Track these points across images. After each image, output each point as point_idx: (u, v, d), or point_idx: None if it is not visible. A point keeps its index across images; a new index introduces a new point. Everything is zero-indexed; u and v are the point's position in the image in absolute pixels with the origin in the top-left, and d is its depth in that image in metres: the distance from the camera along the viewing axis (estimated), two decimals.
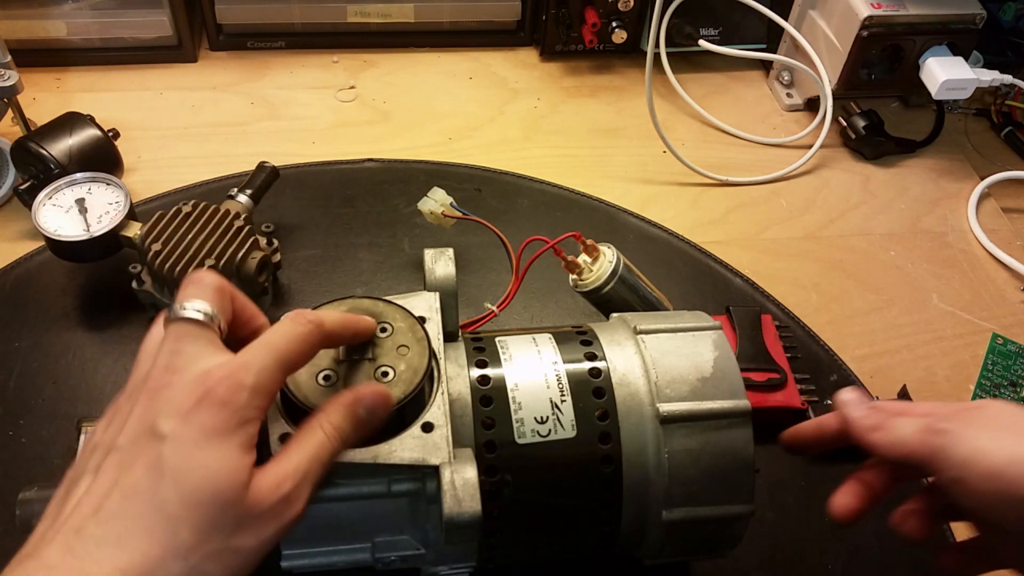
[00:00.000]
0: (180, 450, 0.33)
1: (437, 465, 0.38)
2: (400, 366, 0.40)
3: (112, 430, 0.35)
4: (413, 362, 0.41)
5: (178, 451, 0.33)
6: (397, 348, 0.41)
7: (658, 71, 0.84)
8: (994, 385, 0.65)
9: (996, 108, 0.86)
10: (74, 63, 0.83)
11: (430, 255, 0.47)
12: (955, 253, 0.75)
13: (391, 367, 0.40)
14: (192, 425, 0.33)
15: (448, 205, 0.64)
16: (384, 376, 0.40)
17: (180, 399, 0.34)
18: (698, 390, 0.43)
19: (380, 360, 0.41)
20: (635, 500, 0.42)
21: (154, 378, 0.35)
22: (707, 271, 0.71)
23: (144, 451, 0.33)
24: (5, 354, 0.60)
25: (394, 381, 0.40)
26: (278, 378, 0.36)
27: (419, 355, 0.41)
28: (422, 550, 0.42)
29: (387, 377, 0.40)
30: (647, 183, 0.78)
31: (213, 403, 0.33)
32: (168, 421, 0.33)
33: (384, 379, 0.40)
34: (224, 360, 0.35)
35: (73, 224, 0.61)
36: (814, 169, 0.81)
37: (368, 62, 0.88)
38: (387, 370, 0.40)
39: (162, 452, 0.33)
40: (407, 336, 0.42)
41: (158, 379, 0.34)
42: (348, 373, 0.40)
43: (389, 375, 0.40)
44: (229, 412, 0.34)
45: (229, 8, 0.83)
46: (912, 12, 0.76)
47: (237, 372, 0.34)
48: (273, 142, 0.79)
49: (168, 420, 0.33)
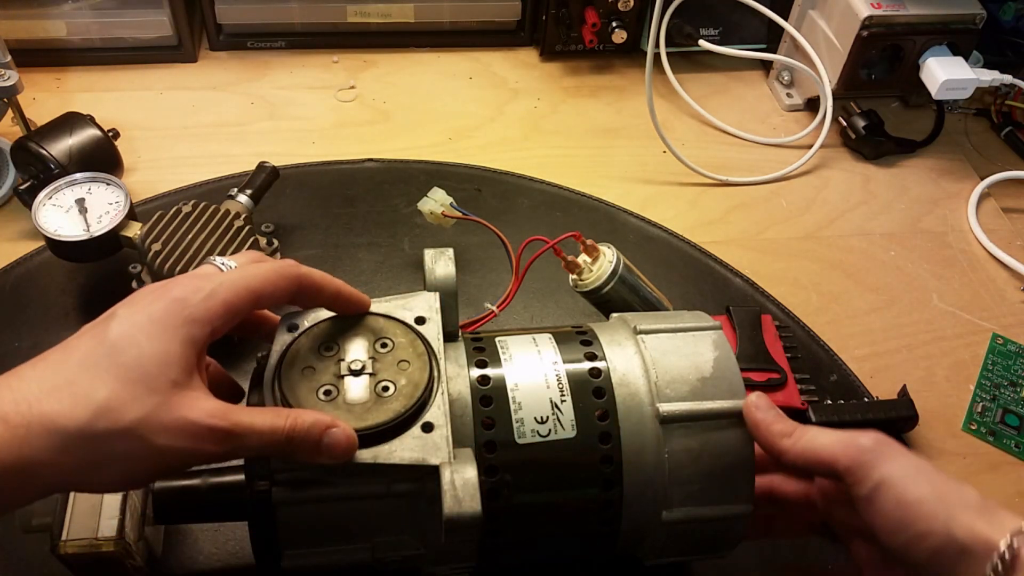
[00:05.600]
0: (123, 327, 0.36)
1: (437, 465, 0.38)
2: (401, 380, 0.40)
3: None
4: (414, 377, 0.41)
5: (121, 327, 0.36)
6: (398, 363, 0.41)
7: (658, 71, 0.84)
8: (994, 385, 0.65)
9: (996, 108, 0.86)
10: (74, 63, 0.83)
11: (430, 255, 0.47)
12: (955, 253, 0.75)
13: (392, 382, 0.40)
14: (141, 311, 0.36)
15: (448, 205, 0.64)
16: (385, 391, 0.40)
17: (140, 295, 0.38)
18: (698, 390, 0.43)
19: (381, 375, 0.41)
20: (635, 500, 0.42)
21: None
22: (707, 271, 0.71)
23: (95, 328, 0.36)
24: (5, 354, 0.60)
25: (394, 395, 0.40)
26: (243, 297, 0.38)
27: (420, 370, 0.41)
28: (422, 550, 0.42)
29: (388, 392, 0.40)
30: (647, 183, 0.78)
31: (165, 296, 0.37)
32: (123, 308, 0.37)
33: (385, 394, 0.40)
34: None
35: (73, 224, 0.61)
36: (814, 169, 0.81)
37: (368, 62, 0.88)
38: (388, 385, 0.40)
39: (108, 326, 0.36)
40: (407, 351, 0.42)
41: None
42: (349, 389, 0.40)
43: (390, 390, 0.40)
44: (178, 307, 0.36)
45: (229, 8, 0.83)
46: (912, 12, 0.76)
47: (200, 280, 0.37)
48: (273, 142, 0.79)
49: (124, 307, 0.37)
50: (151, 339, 0.35)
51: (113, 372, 0.34)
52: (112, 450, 0.34)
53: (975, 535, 0.36)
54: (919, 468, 0.39)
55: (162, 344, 0.35)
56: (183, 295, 0.37)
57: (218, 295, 0.37)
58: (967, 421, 0.63)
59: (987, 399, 0.64)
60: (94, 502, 0.44)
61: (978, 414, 0.64)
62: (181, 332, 0.36)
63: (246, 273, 0.39)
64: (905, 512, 0.38)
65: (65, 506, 0.44)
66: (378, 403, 0.39)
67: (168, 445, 0.34)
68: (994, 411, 0.64)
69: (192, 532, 0.53)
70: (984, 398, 0.64)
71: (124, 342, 0.35)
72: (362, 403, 0.39)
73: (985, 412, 0.64)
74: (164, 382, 0.35)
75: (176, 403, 0.35)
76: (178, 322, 0.36)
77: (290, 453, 0.37)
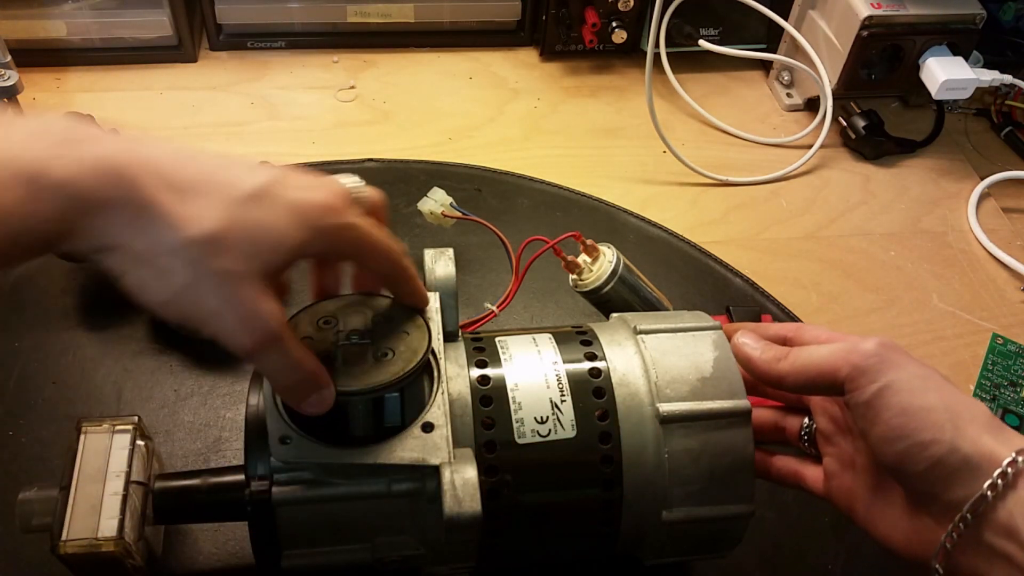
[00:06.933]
0: (275, 188, 0.35)
1: (437, 465, 0.38)
2: (400, 347, 0.40)
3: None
4: (413, 343, 0.41)
5: (273, 186, 0.35)
6: (397, 334, 0.41)
7: (658, 71, 0.84)
8: (994, 385, 0.65)
9: (996, 108, 0.86)
10: (74, 63, 0.83)
11: (430, 255, 0.47)
12: (955, 253, 0.75)
13: (391, 348, 0.40)
14: (295, 190, 0.35)
15: (448, 205, 0.64)
16: (384, 356, 0.40)
17: (300, 174, 0.37)
18: (698, 390, 0.43)
19: (380, 344, 0.41)
20: (635, 500, 0.42)
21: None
22: (707, 271, 0.71)
23: (257, 168, 0.36)
24: (5, 354, 0.59)
25: (394, 359, 0.40)
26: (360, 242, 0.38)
27: (419, 338, 0.41)
28: (422, 550, 0.42)
29: (387, 357, 0.40)
30: (647, 183, 0.78)
31: (319, 191, 0.36)
32: (283, 173, 0.36)
33: (384, 359, 0.40)
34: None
35: None
36: (814, 169, 0.81)
37: (368, 62, 0.88)
38: (387, 351, 0.40)
39: (267, 174, 0.35)
40: (407, 324, 0.42)
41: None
42: (348, 355, 0.40)
43: (389, 355, 0.40)
44: (320, 212, 0.36)
45: (229, 8, 0.83)
46: (912, 12, 0.76)
47: (343, 199, 0.37)
48: (273, 142, 0.79)
49: (284, 172, 0.36)
50: (286, 219, 0.35)
51: (239, 215, 0.34)
52: (182, 271, 0.33)
53: (980, 449, 0.35)
54: (927, 376, 0.38)
55: (290, 231, 0.35)
56: (330, 205, 0.36)
57: (350, 232, 0.37)
58: None
59: (987, 399, 0.64)
60: (94, 502, 0.44)
61: None
62: (308, 235, 0.35)
63: (375, 237, 0.38)
64: (909, 419, 0.36)
65: (65, 506, 0.44)
66: (377, 366, 0.39)
67: (221, 309, 0.34)
68: (994, 411, 0.64)
69: (192, 532, 0.53)
70: (984, 398, 0.64)
71: (266, 201, 0.34)
72: (361, 367, 0.39)
73: None
74: (267, 260, 0.34)
75: (259, 285, 0.34)
76: (313, 225, 0.35)
77: (287, 389, 0.38)
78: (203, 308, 0.34)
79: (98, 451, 0.46)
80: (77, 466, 0.45)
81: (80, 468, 0.45)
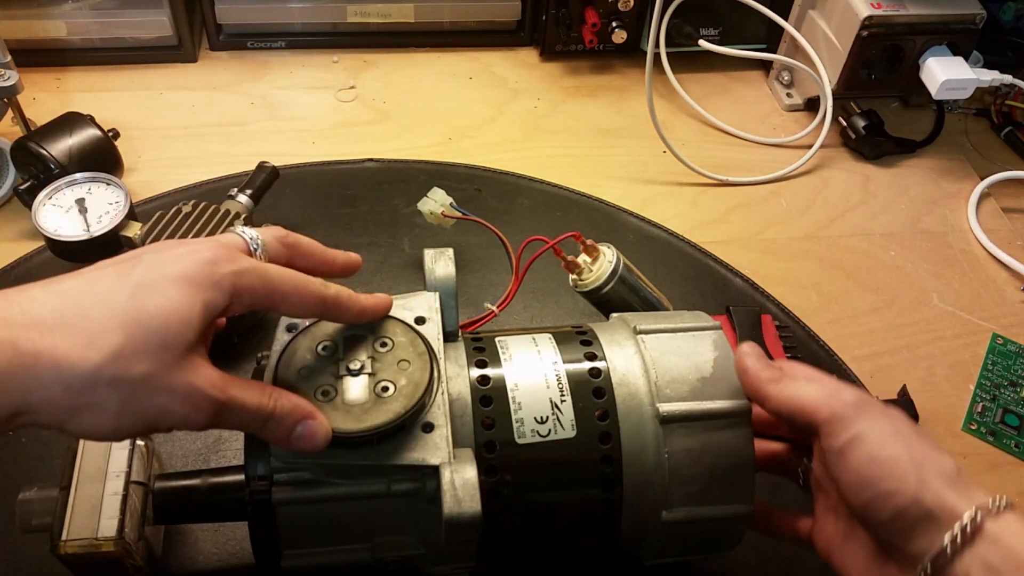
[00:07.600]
0: (150, 274, 0.34)
1: (437, 465, 0.38)
2: (401, 381, 0.40)
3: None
4: (414, 377, 0.40)
5: (148, 273, 0.34)
6: (398, 363, 0.41)
7: (658, 71, 0.84)
8: (994, 385, 0.65)
9: (996, 108, 0.86)
10: (74, 63, 0.83)
11: (430, 255, 0.47)
12: (955, 253, 0.75)
13: (391, 382, 0.40)
14: (171, 263, 0.35)
15: (448, 205, 0.64)
16: (384, 391, 0.40)
17: (167, 246, 0.36)
18: (698, 390, 0.43)
19: (380, 375, 0.40)
20: (635, 500, 0.42)
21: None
22: (707, 271, 0.71)
23: (118, 266, 0.35)
24: None
25: (394, 396, 0.40)
26: (265, 282, 0.37)
27: (420, 370, 0.41)
28: (422, 550, 0.42)
29: (387, 392, 0.40)
30: (647, 183, 0.78)
31: (196, 255, 0.35)
32: (151, 254, 0.36)
33: (384, 394, 0.40)
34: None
35: (73, 224, 0.61)
36: (814, 169, 0.81)
37: (368, 62, 0.88)
38: (387, 385, 0.40)
39: (134, 268, 0.35)
40: (408, 351, 0.41)
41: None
42: (347, 389, 0.40)
43: (389, 390, 0.40)
44: (209, 269, 0.35)
45: (229, 8, 0.83)
46: (912, 12, 0.76)
47: (230, 250, 0.36)
48: (273, 142, 0.79)
49: (151, 254, 0.36)
50: (178, 294, 0.34)
51: (133, 318, 0.33)
52: (109, 398, 0.32)
53: (942, 503, 0.36)
54: (898, 429, 0.38)
55: (187, 301, 0.34)
56: (214, 258, 0.35)
57: (248, 276, 0.36)
58: (967, 421, 0.63)
59: (987, 399, 0.64)
60: (94, 502, 0.44)
61: (978, 414, 0.64)
62: (207, 295, 0.35)
63: (281, 273, 0.38)
64: (875, 469, 0.37)
65: (65, 506, 0.44)
66: (377, 404, 0.39)
67: (165, 406, 0.34)
68: (994, 411, 0.64)
69: (192, 532, 0.53)
70: (984, 398, 0.64)
71: (150, 290, 0.34)
72: (361, 404, 0.39)
73: (985, 412, 0.64)
74: (180, 342, 0.34)
75: (185, 366, 0.34)
76: (206, 284, 0.35)
77: (265, 433, 0.37)
78: (148, 415, 0.34)
79: (98, 451, 0.46)
80: (77, 466, 0.45)
81: (80, 468, 0.45)
